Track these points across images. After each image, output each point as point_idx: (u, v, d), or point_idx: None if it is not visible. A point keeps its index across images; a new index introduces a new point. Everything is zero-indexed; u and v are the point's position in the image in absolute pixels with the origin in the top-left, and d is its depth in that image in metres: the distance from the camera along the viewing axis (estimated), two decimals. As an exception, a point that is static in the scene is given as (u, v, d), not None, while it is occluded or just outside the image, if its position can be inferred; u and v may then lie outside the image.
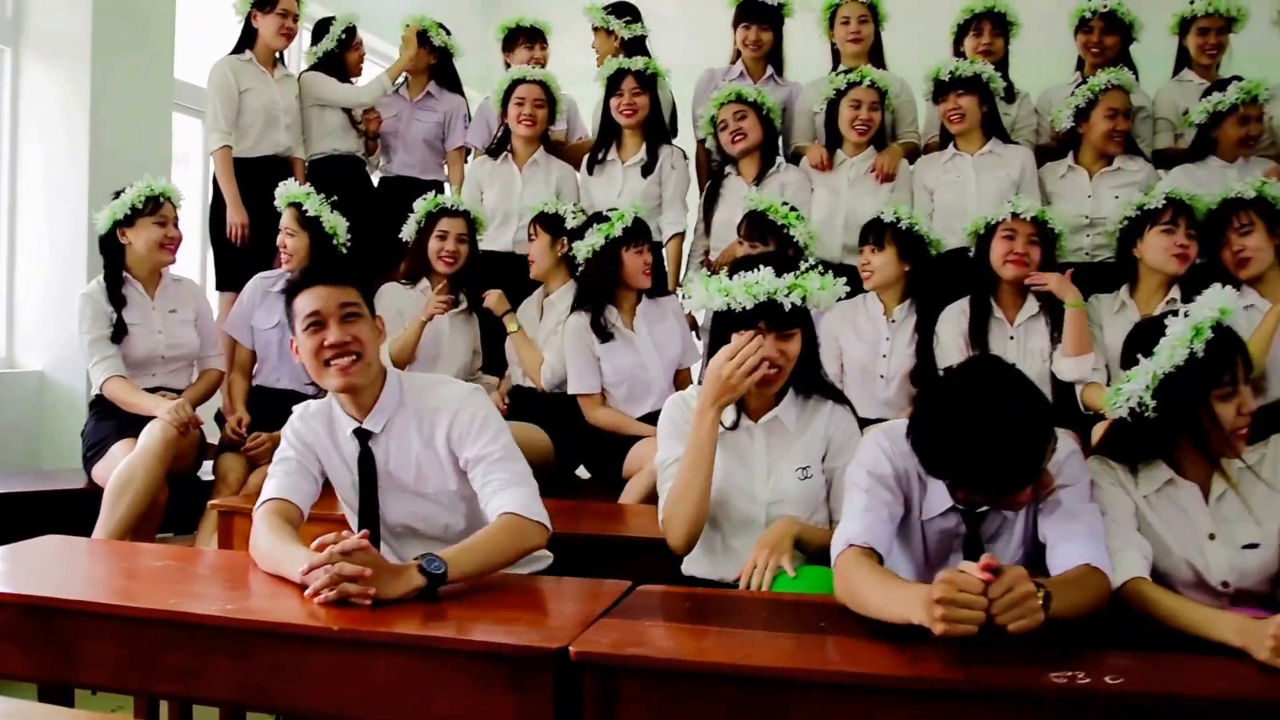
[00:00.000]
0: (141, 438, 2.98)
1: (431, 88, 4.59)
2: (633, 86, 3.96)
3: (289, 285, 2.15)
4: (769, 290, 2.10)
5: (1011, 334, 3.23)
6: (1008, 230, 3.21)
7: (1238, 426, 1.90)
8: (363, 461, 2.15)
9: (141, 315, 3.30)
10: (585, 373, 3.36)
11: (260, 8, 4.11)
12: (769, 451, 2.23)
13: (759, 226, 3.44)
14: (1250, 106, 3.61)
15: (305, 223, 3.47)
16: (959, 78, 3.70)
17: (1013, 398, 1.77)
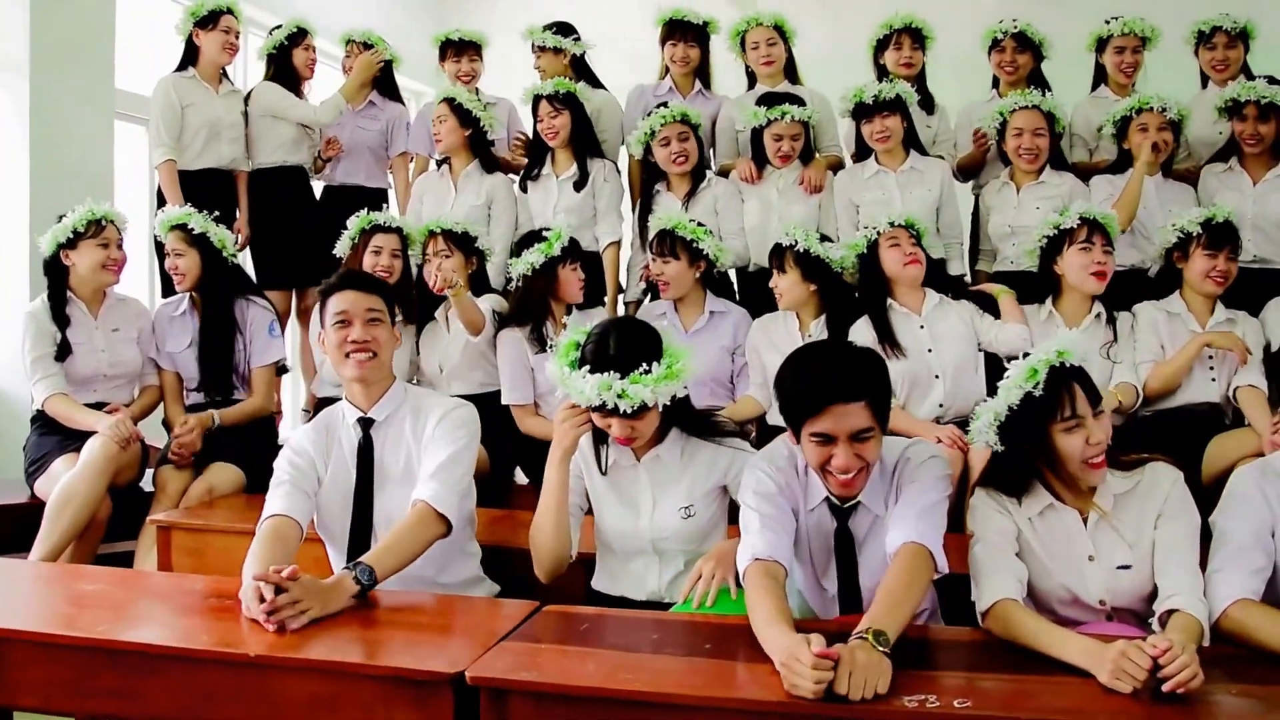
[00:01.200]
0: (83, 453, 3.07)
1: (374, 97, 4.68)
2: (548, 110, 4.09)
3: (326, 286, 2.47)
4: (598, 401, 2.21)
5: (921, 323, 3.37)
6: (892, 238, 3.37)
7: (1088, 456, 2.02)
8: (363, 449, 2.44)
9: (85, 334, 3.38)
10: (519, 383, 3.50)
11: (202, 26, 4.19)
12: (652, 489, 2.36)
13: (669, 243, 3.56)
14: (1147, 115, 3.74)
15: (193, 241, 3.53)
16: (883, 100, 3.81)
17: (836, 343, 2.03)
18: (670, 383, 2.24)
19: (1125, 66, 4.20)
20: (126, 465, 3.20)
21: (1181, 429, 3.17)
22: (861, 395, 1.99)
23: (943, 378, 3.31)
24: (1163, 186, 3.82)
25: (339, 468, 2.44)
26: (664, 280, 3.57)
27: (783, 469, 2.16)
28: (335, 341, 2.41)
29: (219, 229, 3.58)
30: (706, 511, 2.36)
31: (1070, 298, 3.36)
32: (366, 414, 2.45)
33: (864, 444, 2.01)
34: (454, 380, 3.68)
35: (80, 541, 3.01)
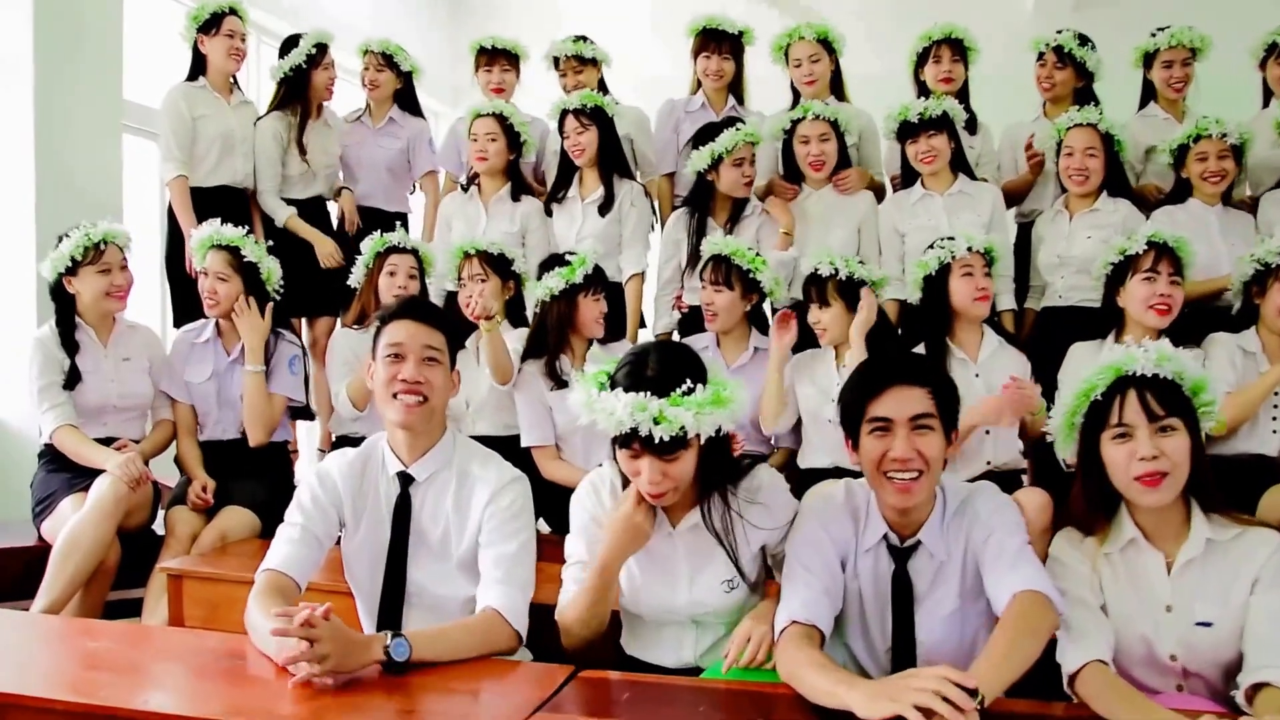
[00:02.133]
0: (90, 494, 2.93)
1: (394, 113, 4.52)
2: (575, 126, 3.91)
3: (385, 313, 2.22)
4: (630, 424, 1.92)
5: (976, 371, 3.17)
6: (966, 266, 3.15)
7: (1135, 472, 1.90)
8: (400, 507, 2.20)
9: (94, 362, 3.23)
10: (537, 423, 3.31)
11: (205, 31, 4.03)
12: (690, 560, 2.12)
13: (724, 271, 3.37)
14: (1206, 143, 3.56)
15: (240, 268, 3.36)
16: (929, 118, 3.63)
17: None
18: (716, 410, 1.95)
19: (1175, 82, 4.01)
20: (137, 507, 3.06)
21: (1233, 477, 2.92)
22: (924, 380, 1.94)
23: (993, 433, 3.08)
24: (1224, 216, 3.62)
25: (374, 520, 2.23)
26: (713, 310, 3.37)
27: (835, 511, 2.04)
28: (384, 378, 2.16)
29: (269, 259, 3.42)
30: (750, 579, 2.15)
31: (1134, 333, 3.11)
32: (408, 468, 2.21)
33: (923, 436, 1.92)
34: (479, 419, 3.50)
35: (87, 590, 2.87)
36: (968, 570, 1.99)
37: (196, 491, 3.21)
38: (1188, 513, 1.95)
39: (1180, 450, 1.89)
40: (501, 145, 3.99)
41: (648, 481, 1.97)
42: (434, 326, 2.20)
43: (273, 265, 3.42)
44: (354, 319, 3.61)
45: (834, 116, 3.72)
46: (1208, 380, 1.95)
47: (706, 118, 4.20)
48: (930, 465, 1.93)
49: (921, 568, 2.00)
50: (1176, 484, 1.90)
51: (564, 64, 4.39)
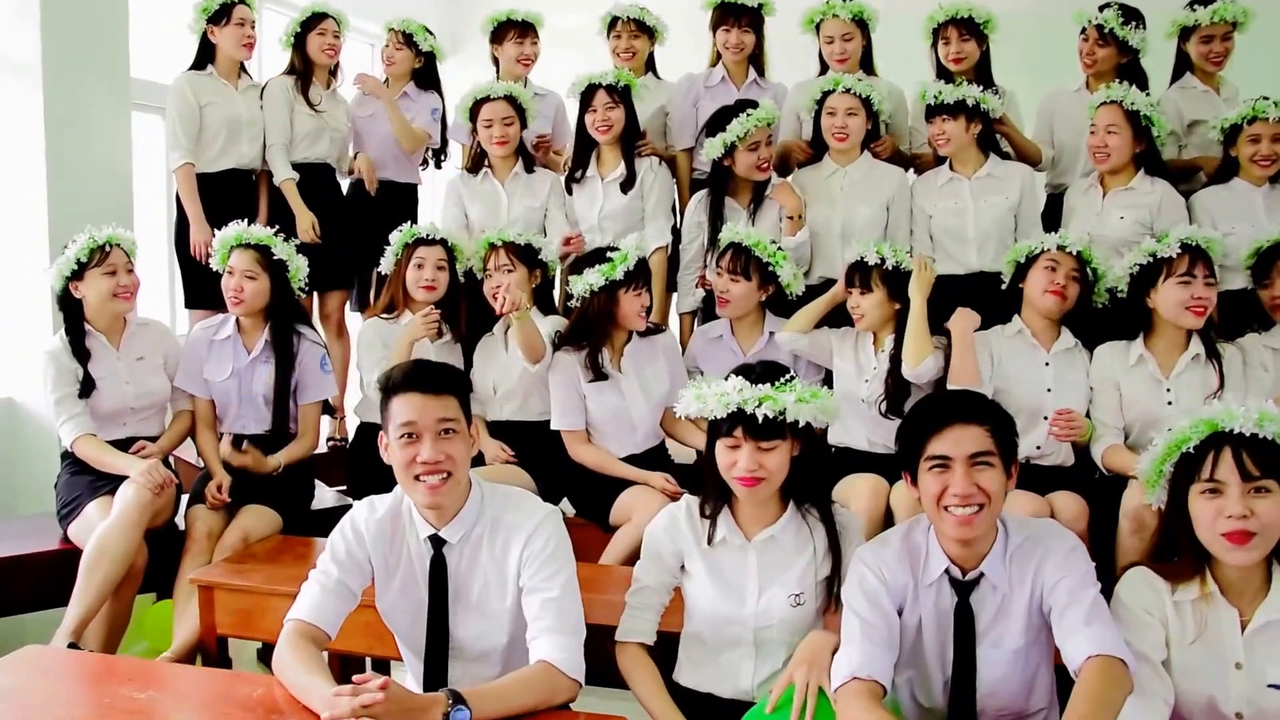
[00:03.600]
0: (115, 503, 2.89)
1: (409, 88, 4.43)
2: (606, 101, 3.81)
3: (390, 383, 2.09)
4: (738, 402, 2.09)
5: (1047, 360, 3.13)
6: (1050, 261, 3.10)
7: (1221, 529, 1.86)
8: (435, 569, 2.12)
9: (108, 367, 3.17)
10: (569, 410, 3.28)
11: (216, 21, 3.94)
12: (760, 573, 2.16)
13: (743, 261, 3.34)
14: (1261, 125, 3.44)
15: (268, 266, 3.28)
16: (941, 103, 3.52)
17: None
18: (812, 402, 2.12)
19: (1214, 56, 3.87)
20: (160, 509, 3.02)
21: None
22: (982, 419, 1.94)
23: None
24: (1271, 196, 3.51)
25: (408, 579, 2.16)
26: (727, 298, 3.35)
27: (892, 555, 2.02)
28: (402, 460, 2.05)
29: (298, 259, 3.34)
30: (815, 600, 2.17)
31: (1165, 335, 3.05)
32: (439, 531, 2.12)
33: (983, 472, 1.92)
34: (507, 404, 3.47)
35: (117, 595, 2.85)
36: (1033, 609, 1.96)
37: (212, 491, 3.16)
38: (1269, 572, 1.91)
39: (1272, 512, 1.84)
40: (517, 127, 3.91)
41: (745, 469, 2.09)
42: (445, 394, 2.08)
43: (301, 263, 3.35)
44: (383, 308, 3.57)
45: (866, 93, 3.61)
46: None
47: (726, 92, 4.11)
48: (991, 499, 1.92)
49: (984, 601, 1.98)
50: (1266, 545, 1.86)
51: (621, 26, 4.25)
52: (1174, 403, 3.00)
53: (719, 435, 2.13)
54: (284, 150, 4.09)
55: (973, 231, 3.57)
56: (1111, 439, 3.02)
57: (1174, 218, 3.40)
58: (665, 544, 2.21)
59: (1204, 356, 3.02)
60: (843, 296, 3.27)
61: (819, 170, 3.75)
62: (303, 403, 3.36)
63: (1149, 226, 3.42)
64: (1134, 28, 3.82)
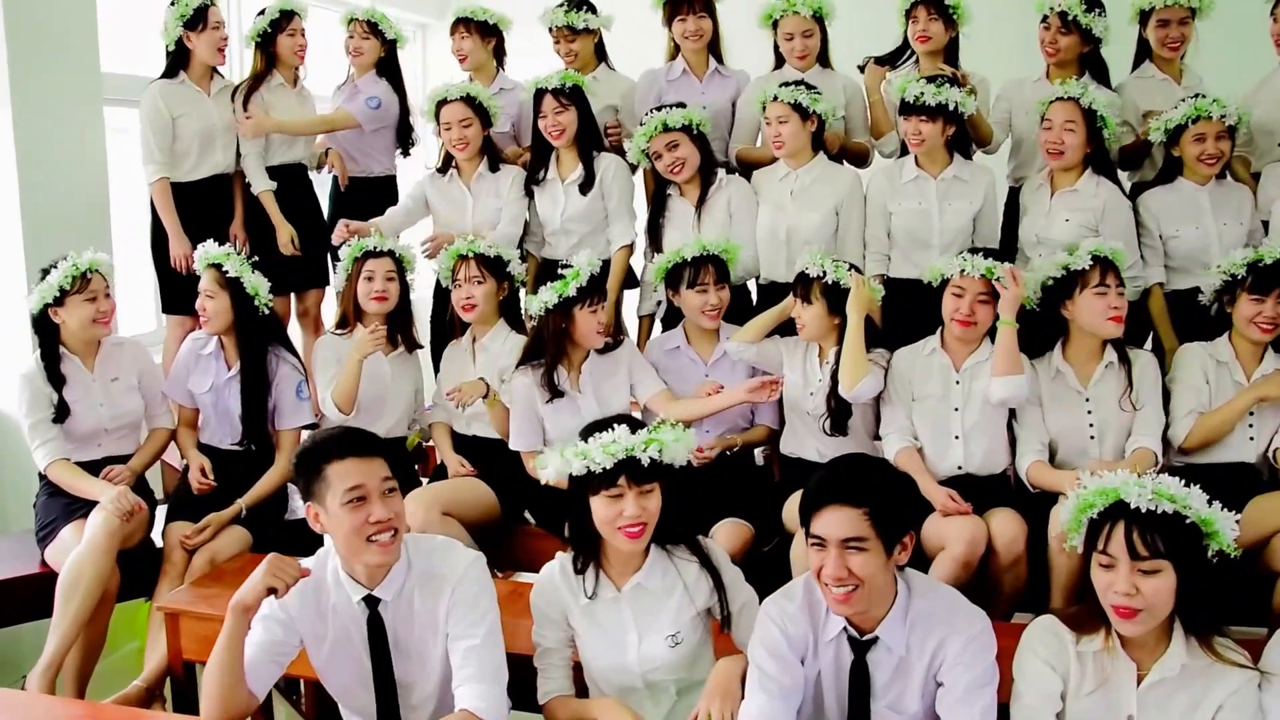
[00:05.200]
0: (85, 530, 3.02)
1: (363, 78, 4.40)
2: (554, 106, 3.81)
3: (320, 453, 2.14)
4: (627, 447, 2.17)
5: (957, 378, 3.16)
6: (956, 289, 3.10)
7: (1109, 602, 1.93)
8: (373, 629, 2.21)
9: (82, 390, 3.28)
10: (525, 431, 3.35)
11: (191, 27, 3.93)
12: (636, 621, 2.27)
13: (721, 270, 3.39)
14: (1204, 124, 3.43)
15: (226, 284, 3.36)
16: (923, 104, 3.49)
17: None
18: (683, 440, 2.26)
19: (1170, 42, 3.83)
20: (132, 532, 3.14)
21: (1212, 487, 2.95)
22: (859, 501, 1.94)
23: (963, 440, 3.12)
24: (1216, 194, 3.52)
25: (340, 642, 2.23)
26: (718, 309, 3.41)
27: (797, 605, 2.10)
28: (352, 525, 2.08)
29: (254, 276, 3.38)
30: (694, 636, 2.29)
31: (1081, 346, 3.12)
32: (372, 592, 2.19)
33: (855, 555, 1.95)
34: (475, 421, 3.55)
35: (91, 622, 2.98)
36: (930, 677, 2.04)
37: (196, 476, 3.30)
38: (1170, 629, 1.97)
39: (1160, 592, 1.90)
40: (477, 128, 3.92)
41: (633, 517, 2.18)
42: (377, 454, 2.16)
43: (258, 281, 3.39)
44: (336, 324, 3.63)
45: (794, 98, 3.57)
46: (1216, 518, 1.95)
47: (689, 84, 4.14)
48: (864, 582, 1.97)
49: (880, 661, 2.05)
50: (1153, 619, 1.93)
51: (556, 31, 4.24)
52: (1093, 410, 3.09)
53: (596, 490, 2.19)
54: (259, 159, 4.14)
55: (937, 235, 3.58)
56: (1035, 455, 3.07)
57: (1118, 220, 3.43)
58: (547, 606, 2.32)
59: (1117, 363, 3.09)
60: (791, 307, 3.31)
61: (773, 173, 3.76)
62: (279, 428, 3.45)
63: (1094, 230, 3.43)
64: (1096, 15, 3.78)
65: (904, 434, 3.14)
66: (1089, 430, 3.08)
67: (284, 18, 4.15)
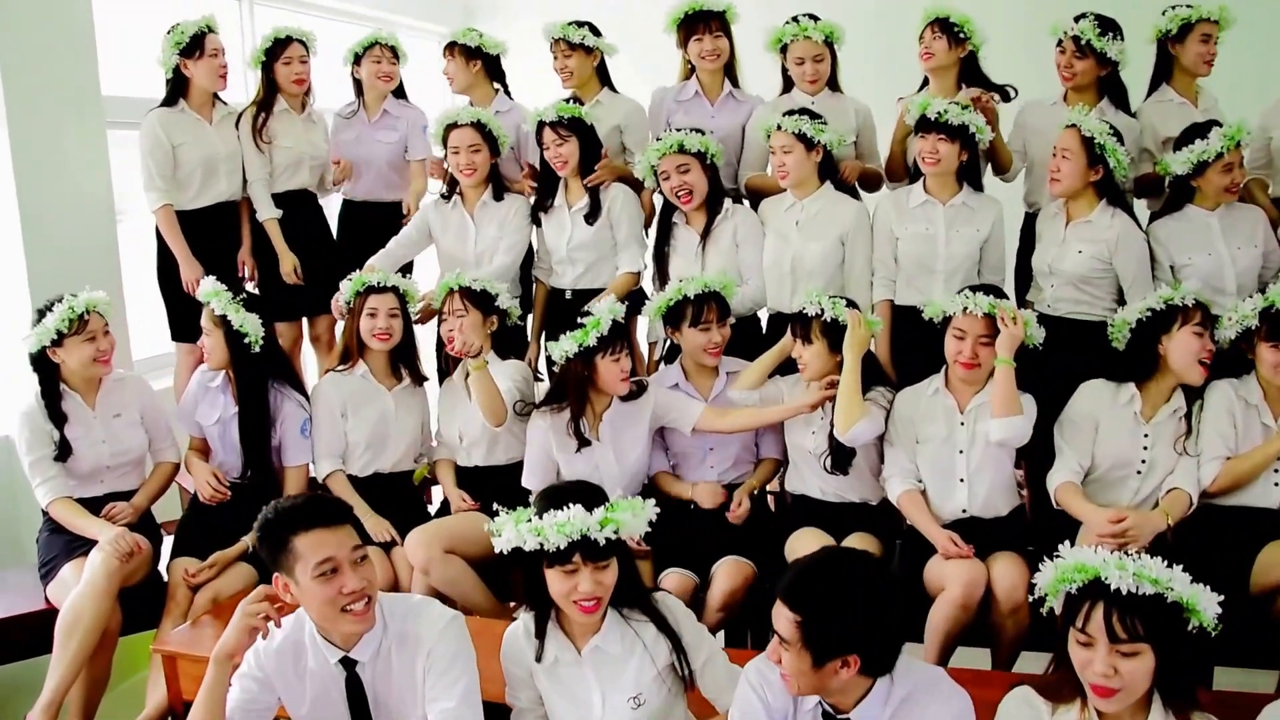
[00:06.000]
0: (85, 571, 3.02)
1: (389, 104, 4.41)
2: (554, 138, 3.78)
3: (284, 525, 2.11)
4: (581, 529, 2.12)
5: (961, 419, 3.10)
6: (958, 330, 3.04)
7: (1086, 679, 1.89)
8: (351, 689, 2.20)
9: (84, 428, 3.28)
10: (538, 470, 3.32)
11: (188, 55, 3.90)
12: (599, 683, 2.25)
13: (721, 307, 3.34)
14: (1234, 152, 3.36)
15: (218, 321, 3.35)
16: (944, 123, 3.42)
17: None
18: (640, 515, 2.23)
19: (1210, 58, 3.74)
20: (134, 570, 3.14)
21: (1231, 529, 2.95)
22: (795, 605, 1.91)
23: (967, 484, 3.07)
24: (1226, 218, 3.44)
25: (320, 701, 2.22)
26: (720, 347, 3.37)
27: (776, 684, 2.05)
28: (325, 596, 2.07)
29: (241, 315, 3.34)
30: (658, 696, 2.26)
31: (1161, 383, 3.07)
32: (348, 653, 2.19)
33: (786, 651, 1.93)
34: (475, 451, 3.53)
35: (92, 661, 2.99)
36: None
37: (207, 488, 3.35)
38: (1149, 701, 1.92)
39: (1138, 673, 1.86)
40: (485, 154, 3.90)
41: (588, 593, 2.16)
42: (345, 522, 2.14)
43: (248, 320, 3.36)
44: (338, 360, 3.60)
45: (798, 128, 3.52)
46: (1199, 597, 1.89)
47: (700, 106, 4.09)
48: (791, 678, 1.95)
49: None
50: (1130, 697, 1.88)
51: (554, 46, 4.19)
52: (1149, 448, 3.04)
53: (551, 564, 2.16)
54: (265, 186, 4.12)
55: (942, 262, 3.52)
56: (1069, 475, 3.04)
57: (1132, 253, 3.36)
58: (514, 667, 2.31)
59: (1184, 409, 3.06)
60: (790, 348, 3.27)
61: (779, 202, 3.71)
62: (285, 465, 3.44)
63: (1107, 262, 3.38)
64: (1112, 39, 3.68)
65: (907, 476, 3.10)
66: (1139, 465, 3.05)
67: (277, 46, 4.12)
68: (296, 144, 4.16)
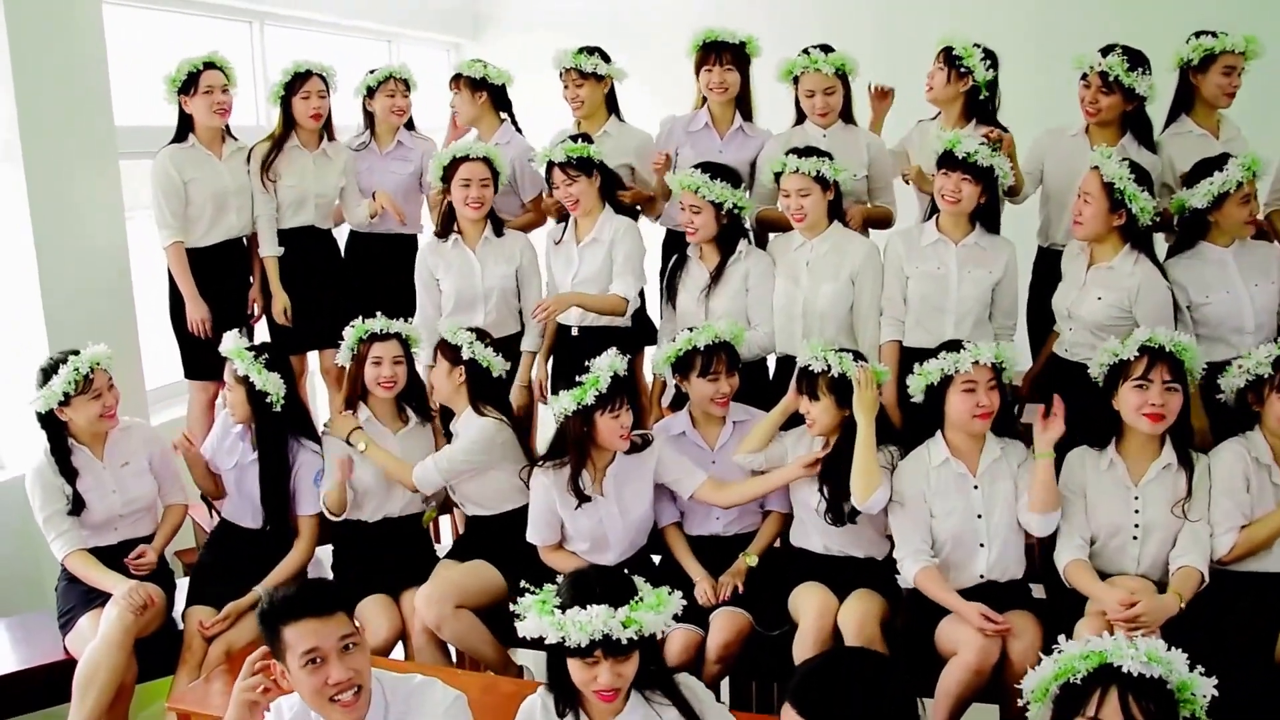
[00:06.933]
0: (100, 624, 3.06)
1: (403, 136, 4.41)
2: (563, 178, 3.75)
3: (275, 613, 2.11)
4: (603, 630, 2.12)
5: (975, 483, 3.04)
6: (967, 383, 2.98)
7: None
8: None
9: (94, 480, 3.31)
10: (541, 526, 3.31)
11: (185, 92, 3.92)
12: None
13: (730, 357, 3.31)
14: (1251, 183, 3.30)
15: (240, 379, 3.36)
16: (971, 162, 3.35)
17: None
18: (665, 611, 2.23)
19: (1232, 89, 3.67)
20: (150, 620, 3.17)
21: (1249, 597, 2.87)
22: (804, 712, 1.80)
23: (988, 548, 3.01)
24: (1240, 254, 3.39)
25: None
26: (727, 397, 3.34)
27: None
28: (312, 687, 2.07)
29: (264, 375, 3.33)
30: None
31: (1135, 441, 2.97)
32: None
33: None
34: (469, 503, 3.54)
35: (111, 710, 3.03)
36: None
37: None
38: None
39: None
40: (492, 189, 3.89)
41: (607, 685, 2.16)
42: (335, 609, 2.12)
43: (270, 380, 3.35)
44: (342, 407, 3.59)
45: (816, 170, 3.46)
46: (1196, 683, 1.87)
47: (709, 138, 4.06)
48: None
49: None
50: None
51: (564, 75, 4.16)
52: (1141, 511, 2.95)
53: (573, 654, 2.16)
54: (270, 222, 4.14)
55: (954, 301, 3.47)
56: (1075, 553, 2.94)
57: (1153, 302, 3.27)
58: None
59: (1175, 465, 2.95)
60: (794, 405, 3.23)
61: (789, 241, 3.67)
62: (299, 513, 3.47)
63: (1127, 310, 3.30)
64: (1140, 74, 3.58)
65: (919, 555, 2.99)
66: (1133, 530, 2.95)
67: (297, 80, 4.11)
68: (301, 181, 4.16)
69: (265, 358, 3.40)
